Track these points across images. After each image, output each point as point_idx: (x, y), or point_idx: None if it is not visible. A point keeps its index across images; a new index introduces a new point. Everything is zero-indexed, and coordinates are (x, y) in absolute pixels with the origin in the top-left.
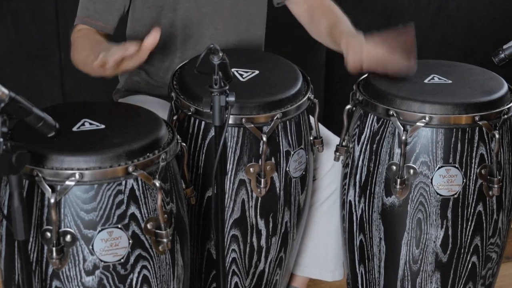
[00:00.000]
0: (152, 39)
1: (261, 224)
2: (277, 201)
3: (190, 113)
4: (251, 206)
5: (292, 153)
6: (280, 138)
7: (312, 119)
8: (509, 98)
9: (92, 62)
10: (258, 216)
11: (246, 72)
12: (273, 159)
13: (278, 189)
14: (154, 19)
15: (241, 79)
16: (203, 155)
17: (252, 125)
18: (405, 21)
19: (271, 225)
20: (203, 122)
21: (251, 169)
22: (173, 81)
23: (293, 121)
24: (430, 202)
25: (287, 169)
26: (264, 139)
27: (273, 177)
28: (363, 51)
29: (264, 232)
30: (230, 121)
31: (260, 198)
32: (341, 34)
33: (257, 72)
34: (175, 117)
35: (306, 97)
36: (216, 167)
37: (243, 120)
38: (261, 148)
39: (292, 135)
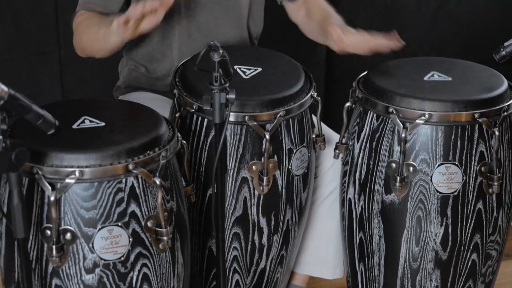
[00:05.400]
0: None
1: (263, 222)
2: (279, 199)
3: (193, 111)
4: (253, 204)
5: (294, 151)
6: (283, 136)
7: (314, 117)
8: (509, 95)
9: (105, 33)
10: (260, 214)
11: (249, 69)
12: (275, 157)
13: (280, 187)
14: None
15: (244, 76)
16: (205, 153)
17: (255, 123)
18: (406, 18)
19: (272, 223)
20: (205, 120)
21: (253, 167)
22: (176, 78)
23: (296, 119)
24: (430, 199)
25: (290, 167)
26: (267, 137)
27: (275, 175)
28: (346, 32)
29: (265, 230)
30: (233, 119)
31: (262, 196)
32: (330, 24)
33: (260, 69)
34: (177, 114)
35: (309, 95)
36: (216, 165)
37: (246, 117)
38: (263, 146)
39: (295, 133)
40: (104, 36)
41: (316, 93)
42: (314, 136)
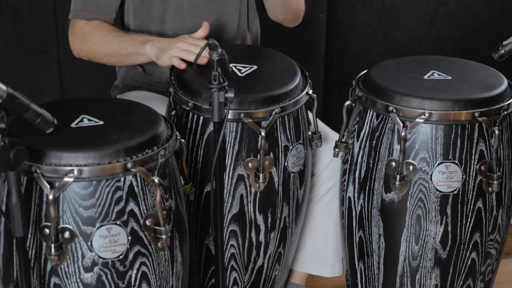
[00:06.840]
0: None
1: (260, 219)
2: (275, 196)
3: (189, 108)
4: (250, 201)
5: (290, 148)
6: (279, 133)
7: (310, 114)
8: (508, 94)
9: (132, 52)
10: (257, 211)
11: (245, 67)
12: (271, 154)
13: (276, 184)
14: (145, 9)
15: (239, 74)
16: (202, 151)
17: (251, 120)
18: (404, 17)
19: (269, 220)
20: (201, 117)
21: (249, 164)
22: (172, 76)
23: (292, 116)
24: (430, 198)
25: (286, 164)
26: (263, 134)
27: (271, 172)
28: None
29: (262, 228)
30: (229, 116)
31: (258, 193)
32: None
33: (255, 67)
34: (173, 112)
35: (304, 92)
36: (215, 164)
37: (242, 115)
38: (259, 143)
39: (291, 130)
40: (130, 55)
41: (311, 90)
42: (310, 133)
